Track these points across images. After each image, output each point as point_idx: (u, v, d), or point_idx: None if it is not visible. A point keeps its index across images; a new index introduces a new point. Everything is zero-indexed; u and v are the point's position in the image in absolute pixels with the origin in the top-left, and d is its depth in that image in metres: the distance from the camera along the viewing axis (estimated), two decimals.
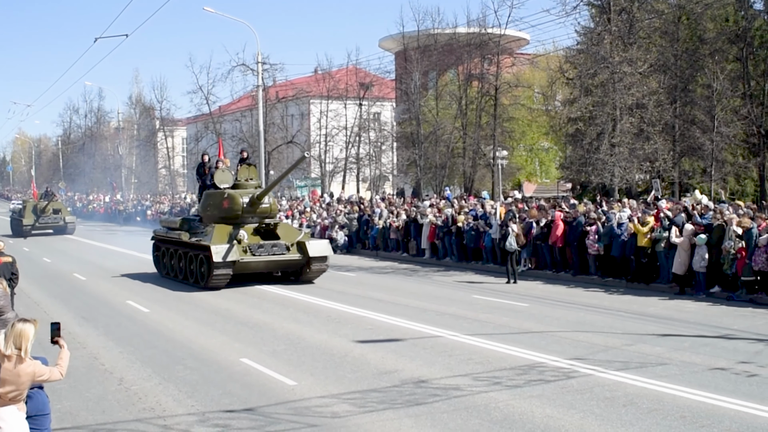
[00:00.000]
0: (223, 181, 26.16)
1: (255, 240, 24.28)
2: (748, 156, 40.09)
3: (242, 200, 24.79)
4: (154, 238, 28.80)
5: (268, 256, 24.21)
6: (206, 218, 25.88)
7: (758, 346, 14.91)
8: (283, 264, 25.01)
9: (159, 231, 28.49)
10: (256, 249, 23.96)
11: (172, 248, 26.80)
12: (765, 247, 19.87)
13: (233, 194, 25.10)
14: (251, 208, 24.85)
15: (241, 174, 26.37)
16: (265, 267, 24.81)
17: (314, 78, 64.47)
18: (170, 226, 27.68)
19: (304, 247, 24.60)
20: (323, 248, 25.40)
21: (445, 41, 53.40)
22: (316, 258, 24.84)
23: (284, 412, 10.94)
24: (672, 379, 12.26)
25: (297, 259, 24.70)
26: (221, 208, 25.13)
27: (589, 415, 10.48)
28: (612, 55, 35.86)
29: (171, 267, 26.99)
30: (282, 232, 25.21)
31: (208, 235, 24.24)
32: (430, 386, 12.14)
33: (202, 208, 26.61)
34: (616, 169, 34.34)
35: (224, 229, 24.18)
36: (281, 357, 14.52)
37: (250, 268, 24.27)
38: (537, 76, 56.60)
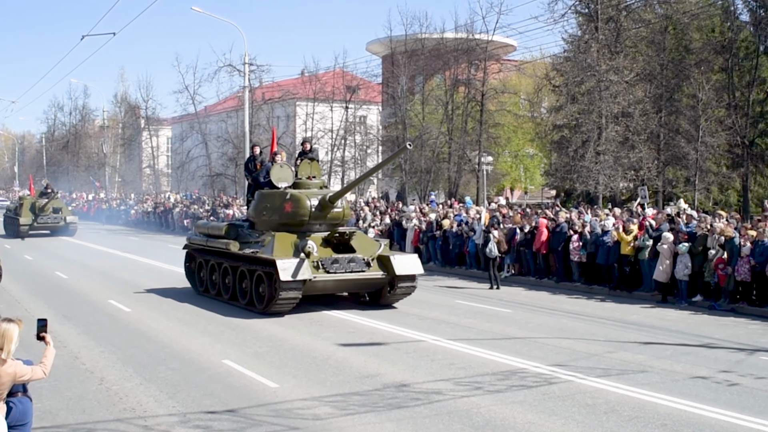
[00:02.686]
0: (281, 179, 21.44)
1: (326, 253, 19.81)
2: (732, 166, 40.32)
3: (310, 203, 20.31)
4: (187, 247, 24.51)
5: (344, 274, 19.59)
6: (261, 224, 21.34)
7: (739, 355, 14.98)
8: (362, 284, 20.38)
9: (194, 239, 24.01)
10: (329, 264, 19.36)
11: (214, 261, 22.22)
12: (748, 258, 19.97)
13: (299, 195, 20.50)
14: (321, 213, 20.41)
15: (302, 170, 21.68)
16: (339, 287, 20.60)
17: (301, 80, 64.39)
18: (211, 233, 22.70)
19: (388, 262, 19.93)
20: (412, 264, 20.35)
21: (433, 46, 53.48)
22: (403, 277, 20.10)
23: (266, 413, 10.90)
24: (653, 387, 12.29)
25: (379, 278, 20.08)
26: (282, 213, 20.58)
27: (570, 422, 10.49)
28: (598, 63, 36.07)
29: (212, 283, 22.50)
30: (357, 244, 20.46)
31: (267, 246, 19.77)
32: (412, 390, 12.13)
33: (254, 212, 21.75)
34: (601, 176, 34.50)
35: (287, 239, 19.88)
36: (263, 359, 14.47)
37: (321, 289, 19.84)
38: (523, 82, 56.83)
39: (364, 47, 68.52)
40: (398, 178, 53.36)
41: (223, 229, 22.09)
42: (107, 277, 27.44)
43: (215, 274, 22.19)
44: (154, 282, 25.67)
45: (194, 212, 51.92)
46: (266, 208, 21.16)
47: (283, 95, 62.60)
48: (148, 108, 77.71)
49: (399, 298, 20.79)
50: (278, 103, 64.78)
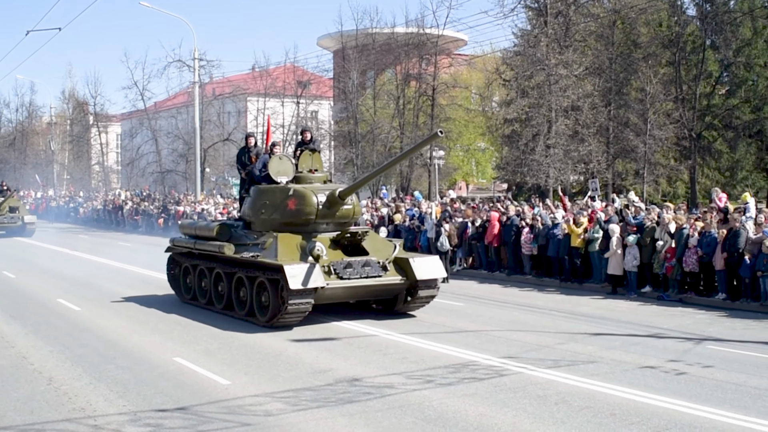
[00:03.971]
0: (281, 173, 18.91)
1: (336, 256, 17.45)
2: (680, 159, 40.87)
3: (317, 199, 17.95)
4: (170, 250, 22.02)
5: (358, 280, 17.17)
6: (259, 224, 18.87)
7: (687, 344, 15.20)
8: (378, 290, 17.90)
9: (179, 241, 21.44)
10: (341, 269, 17.01)
11: (203, 265, 19.80)
12: (695, 248, 20.27)
13: (304, 191, 18.08)
14: (329, 211, 18.08)
15: (303, 163, 19.24)
16: (353, 295, 17.90)
17: (251, 75, 64.09)
18: (199, 235, 20.22)
19: (407, 266, 17.66)
20: (434, 267, 18.02)
21: (384, 41, 53.50)
22: (425, 282, 17.83)
23: (217, 411, 10.82)
24: (603, 377, 12.43)
25: (397, 284, 17.74)
26: (284, 211, 18.18)
27: (521, 413, 10.56)
28: (548, 57, 36.34)
29: (201, 291, 20.14)
30: (370, 245, 18.12)
31: (269, 248, 17.45)
32: (364, 385, 12.13)
33: (251, 210, 19.15)
34: (551, 170, 34.77)
35: (291, 241, 17.56)
36: (215, 356, 14.37)
37: (333, 297, 17.36)
38: (474, 77, 57.05)
39: (315, 42, 68.38)
40: (350, 173, 53.30)
41: (214, 230, 19.56)
42: (56, 276, 27.06)
43: (205, 280, 19.87)
44: (105, 280, 25.39)
45: (145, 209, 51.52)
46: (265, 206, 18.64)
47: (234, 91, 62.26)
48: (97, 104, 76.68)
49: (419, 305, 18.56)
50: (229, 99, 64.41)
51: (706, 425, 9.99)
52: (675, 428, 9.87)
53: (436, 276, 18.07)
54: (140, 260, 29.94)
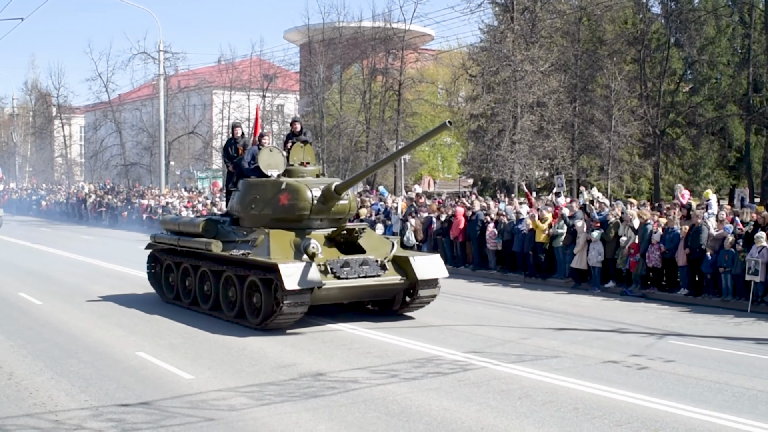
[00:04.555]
0: (271, 166, 17.87)
1: (332, 254, 16.53)
2: (644, 155, 41.19)
3: (311, 194, 16.99)
4: (151, 247, 21.04)
5: (356, 280, 16.20)
6: (248, 220, 17.86)
7: (649, 339, 15.33)
8: (377, 291, 16.96)
9: (161, 237, 20.31)
10: (338, 268, 16.04)
11: (187, 263, 18.86)
12: (658, 244, 20.45)
13: (297, 185, 17.13)
14: (324, 207, 17.14)
15: (294, 155, 18.21)
16: (351, 295, 16.90)
17: (217, 68, 63.78)
18: (183, 231, 19.07)
19: (407, 265, 16.76)
20: (434, 267, 17.12)
21: (350, 35, 53.43)
22: (426, 281, 16.97)
23: (180, 405, 10.77)
24: (566, 372, 12.50)
25: (397, 284, 16.84)
26: (276, 206, 17.19)
27: (485, 408, 10.59)
28: (514, 53, 36.47)
29: (185, 291, 19.16)
30: (367, 243, 17.17)
31: (260, 246, 16.48)
32: (328, 379, 12.11)
33: (240, 205, 18.06)
34: (516, 165, 34.92)
35: (284, 238, 16.59)
36: (178, 350, 14.29)
37: (329, 298, 16.49)
38: (441, 72, 57.12)
39: (282, 35, 68.12)
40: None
41: (199, 226, 18.22)
42: (17, 269, 26.71)
43: (189, 279, 18.93)
44: (68, 274, 25.14)
45: (108, 202, 51.12)
46: (255, 201, 17.55)
47: (199, 83, 61.96)
48: (60, 96, 75.98)
49: (418, 306, 17.64)
50: (194, 92, 64.12)
51: (667, 419, 10.07)
52: (636, 422, 9.94)
53: (437, 275, 17.07)
54: (104, 254, 29.71)
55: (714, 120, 42.58)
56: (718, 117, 42.40)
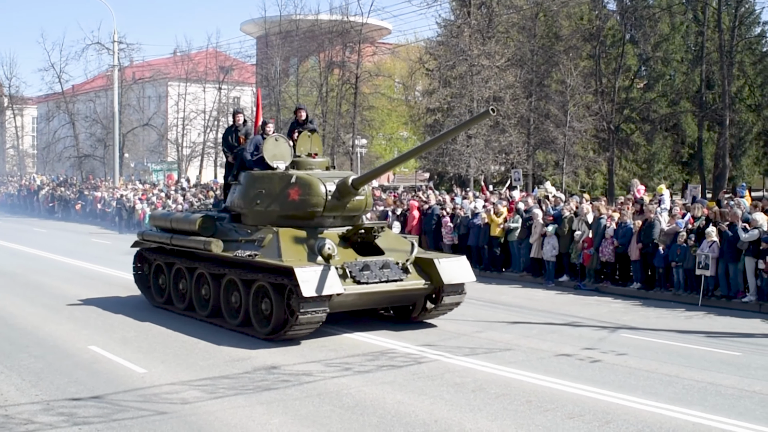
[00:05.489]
0: (277, 157, 16.11)
1: (348, 256, 14.85)
2: (598, 150, 41.55)
3: (325, 188, 15.34)
4: (138, 245, 19.21)
5: (378, 284, 14.52)
6: (252, 217, 16.09)
7: (602, 332, 15.45)
8: (398, 296, 15.33)
9: (150, 235, 18.63)
10: (357, 272, 14.38)
11: (181, 264, 17.20)
12: (612, 239, 20.62)
13: (310, 179, 15.43)
14: (339, 203, 15.52)
15: (301, 146, 16.42)
16: (371, 302, 15.33)
17: (173, 60, 63.25)
18: (177, 228, 17.30)
19: (431, 268, 15.18)
20: (461, 270, 15.49)
21: (307, 28, 53.23)
22: (452, 287, 15.37)
23: (132, 399, 10.67)
24: (519, 365, 12.56)
25: (421, 289, 15.23)
26: (285, 202, 15.49)
27: (438, 401, 10.61)
28: (471, 48, 36.55)
29: (179, 295, 17.48)
30: (384, 243, 15.54)
31: (268, 246, 14.81)
32: (282, 373, 12.07)
33: (242, 201, 16.29)
34: (472, 160, 35.00)
35: (294, 237, 15.00)
36: (131, 344, 14.15)
37: (348, 305, 14.84)
38: (398, 66, 57.11)
39: (239, 27, 67.82)
40: None
41: (196, 223, 16.45)
42: None
43: (183, 281, 17.31)
44: (19, 267, 24.79)
45: (61, 195, 50.55)
46: (260, 196, 15.82)
47: (154, 75, 61.43)
48: (12, 86, 74.92)
49: (441, 313, 16.10)
50: (149, 83, 63.60)
51: (618, 411, 10.15)
52: (588, 414, 10.01)
53: (464, 280, 15.49)
54: (57, 247, 29.36)
55: (667, 116, 43.16)
56: (671, 113, 42.96)
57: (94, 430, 9.42)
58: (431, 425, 9.60)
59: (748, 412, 10.20)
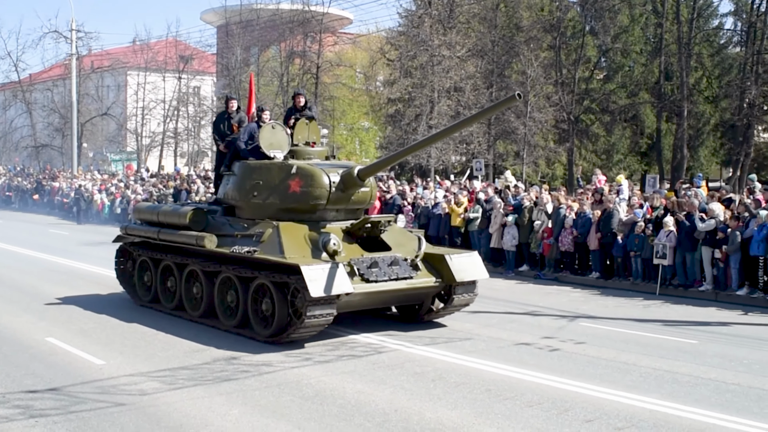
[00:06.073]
0: (274, 146, 15.07)
1: (353, 252, 13.89)
2: (559, 141, 41.81)
3: (328, 180, 14.36)
4: (120, 239, 18.02)
5: (387, 283, 13.63)
6: (248, 210, 15.08)
7: (561, 321, 15.57)
8: (408, 295, 14.43)
9: (134, 229, 17.59)
10: (365, 269, 13.48)
11: (170, 261, 16.03)
12: (571, 228, 20.77)
13: (312, 170, 14.45)
14: (343, 195, 14.57)
15: (299, 134, 15.49)
16: (380, 301, 14.46)
17: (132, 49, 62.77)
18: (165, 222, 16.17)
19: (441, 264, 14.33)
20: (474, 267, 14.71)
21: (268, 17, 52.99)
22: (464, 285, 14.62)
23: (90, 391, 10.57)
24: (479, 354, 12.63)
25: (431, 287, 14.36)
26: (285, 194, 14.49)
27: (399, 390, 10.63)
28: (432, 38, 36.56)
29: (166, 293, 16.35)
30: (390, 238, 14.60)
31: (268, 241, 13.75)
32: (241, 363, 12.04)
33: (237, 192, 15.24)
34: (433, 150, 35.02)
35: (296, 232, 13.97)
36: (90, 336, 14.00)
37: (353, 306, 13.87)
38: (359, 56, 56.99)
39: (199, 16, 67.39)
40: None
41: (186, 216, 15.32)
42: None
43: (171, 279, 16.19)
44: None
45: (18, 185, 49.96)
46: (258, 188, 14.80)
47: (113, 64, 60.91)
48: None
49: (451, 312, 15.34)
50: (108, 72, 63.08)
51: (577, 399, 10.24)
52: (547, 402, 10.08)
53: (477, 277, 14.71)
54: (13, 238, 29.02)
55: (627, 107, 43.52)
56: (630, 104, 43.32)
57: (51, 423, 9.31)
58: (391, 414, 9.61)
59: (703, 399, 10.33)
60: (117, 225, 37.30)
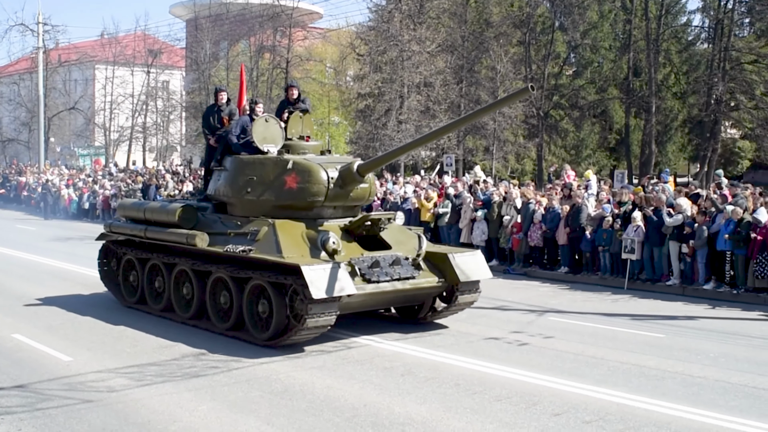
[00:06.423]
0: (267, 140, 14.42)
1: (353, 251, 13.37)
2: (528, 136, 41.99)
3: (326, 176, 13.72)
4: (104, 237, 17.22)
5: (389, 283, 13.06)
6: (241, 207, 14.39)
7: (530, 316, 15.62)
8: (410, 296, 13.93)
9: (119, 226, 16.69)
10: (366, 269, 12.94)
11: (158, 260, 15.38)
12: (540, 223, 20.85)
13: (310, 165, 13.80)
14: (342, 191, 13.95)
15: (292, 127, 14.75)
16: (380, 303, 14.04)
17: (100, 42, 62.26)
18: (151, 219, 15.52)
19: (445, 263, 13.85)
20: (477, 266, 14.22)
21: (238, 11, 52.84)
22: (467, 284, 14.11)
23: (57, 388, 10.49)
24: (448, 349, 12.65)
25: (434, 287, 13.83)
26: (281, 191, 13.86)
27: (368, 385, 10.64)
28: (402, 33, 36.57)
29: (153, 294, 15.68)
30: (390, 236, 14.09)
31: (264, 240, 13.12)
32: (210, 359, 11.98)
33: (231, 188, 14.54)
34: None
35: (293, 230, 13.35)
36: (57, 332, 13.88)
37: (353, 307, 13.21)
38: (329, 50, 56.88)
39: (168, 10, 66.96)
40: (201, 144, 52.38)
41: (175, 213, 14.60)
42: None
43: (159, 279, 15.55)
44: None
45: None
46: (252, 184, 14.11)
47: (81, 58, 60.45)
48: None
49: (453, 313, 14.78)
50: (75, 66, 62.52)
51: (545, 393, 10.28)
52: (516, 396, 10.12)
53: (481, 276, 14.24)
54: None
55: (596, 103, 43.79)
56: (599, 100, 43.59)
57: (17, 420, 9.22)
58: (360, 409, 9.61)
59: (670, 393, 10.40)
60: (85, 220, 37.30)
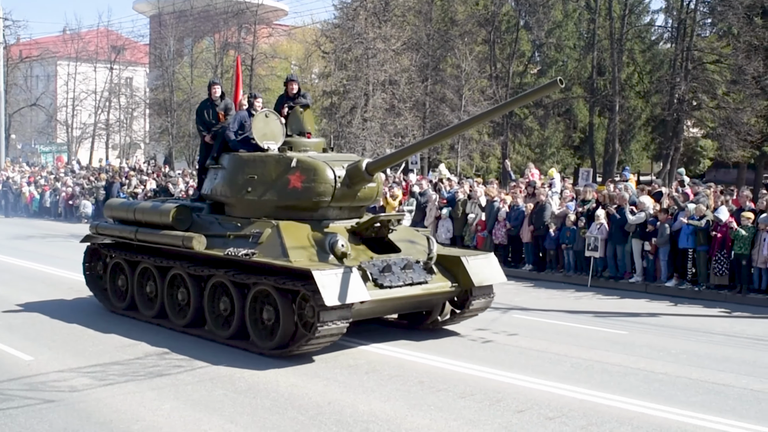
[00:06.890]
0: (268, 136, 13.58)
1: (362, 254, 12.68)
2: (493, 134, 42.12)
3: (333, 174, 12.99)
4: (89, 238, 16.26)
5: (402, 288, 12.35)
6: (242, 207, 13.55)
7: (495, 314, 15.63)
8: (422, 302, 13.16)
9: (107, 228, 15.84)
10: (378, 274, 12.19)
11: (149, 263, 14.40)
12: (504, 221, 20.93)
13: (315, 163, 13.06)
14: (349, 191, 13.22)
15: (293, 124, 14.24)
16: (392, 309, 13.27)
17: (62, 38, 61.77)
18: (143, 220, 14.64)
19: (458, 267, 13.06)
20: (492, 270, 13.47)
21: (202, 7, 52.49)
22: (481, 289, 13.40)
23: (18, 388, 10.37)
24: (412, 347, 12.66)
25: (447, 292, 13.10)
26: (285, 190, 13.09)
27: (332, 383, 10.63)
28: (366, 31, 36.56)
29: (145, 299, 14.72)
30: (399, 238, 13.39)
31: (268, 243, 12.32)
32: (174, 358, 11.90)
33: (230, 188, 13.69)
34: (368, 143, 35.08)
35: (299, 232, 12.56)
36: (17, 331, 13.70)
37: (362, 314, 12.27)
38: (294, 48, 56.75)
39: (131, 6, 66.46)
40: (165, 142, 52.12)
41: (169, 214, 13.77)
42: None
43: (150, 283, 14.57)
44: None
45: None
46: (252, 183, 13.30)
47: (43, 54, 59.86)
48: None
49: (466, 319, 14.16)
50: (37, 62, 61.93)
51: (508, 390, 10.32)
52: (479, 393, 10.14)
53: (496, 281, 13.50)
54: None
55: (560, 101, 44.00)
56: (564, 99, 43.79)
57: None
58: (324, 407, 9.59)
59: (632, 389, 10.49)
60: (47, 218, 36.93)
